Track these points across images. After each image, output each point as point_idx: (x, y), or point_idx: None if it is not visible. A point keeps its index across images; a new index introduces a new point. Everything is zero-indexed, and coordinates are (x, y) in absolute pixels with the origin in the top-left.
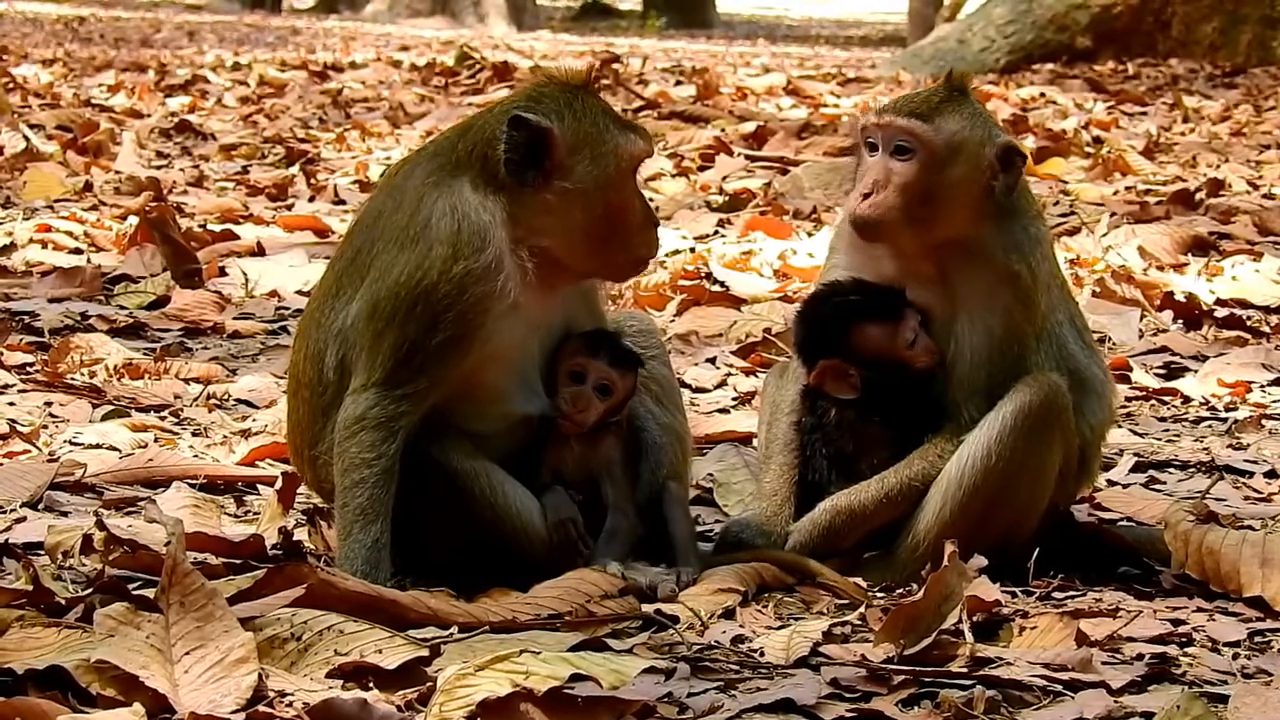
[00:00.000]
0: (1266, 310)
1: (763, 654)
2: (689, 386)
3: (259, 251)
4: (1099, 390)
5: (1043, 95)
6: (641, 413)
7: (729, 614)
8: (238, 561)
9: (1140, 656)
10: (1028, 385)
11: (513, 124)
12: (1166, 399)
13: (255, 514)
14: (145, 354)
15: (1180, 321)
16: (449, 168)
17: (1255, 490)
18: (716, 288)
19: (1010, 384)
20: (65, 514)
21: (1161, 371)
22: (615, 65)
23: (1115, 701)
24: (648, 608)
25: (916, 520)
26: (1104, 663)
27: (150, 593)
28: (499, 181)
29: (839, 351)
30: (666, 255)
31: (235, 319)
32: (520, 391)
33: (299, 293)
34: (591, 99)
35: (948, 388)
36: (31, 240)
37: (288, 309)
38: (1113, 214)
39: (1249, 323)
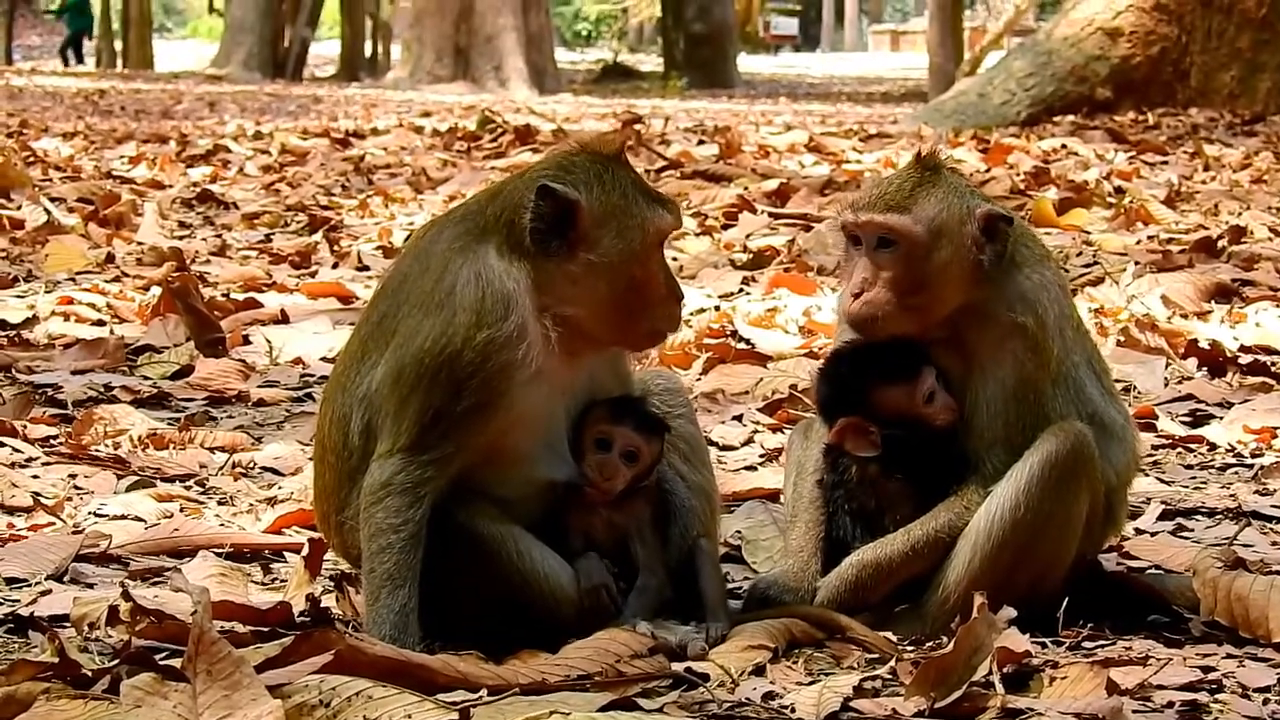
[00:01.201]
0: None
1: (794, 710)
2: (716, 444)
3: (283, 319)
4: (1120, 435)
5: (1064, 147)
6: (669, 473)
7: (759, 671)
8: (265, 629)
9: (1171, 704)
10: (1054, 435)
11: (540, 193)
12: (1193, 446)
13: (282, 581)
14: (170, 424)
15: (1205, 369)
16: (476, 233)
17: None
18: (742, 345)
19: (1030, 432)
20: (91, 586)
21: (1187, 419)
22: (638, 126)
23: None
24: (678, 666)
25: (945, 573)
26: (1135, 711)
27: (177, 662)
28: (524, 249)
29: (859, 409)
30: (692, 314)
31: (260, 387)
32: (546, 457)
33: (324, 359)
34: (622, 170)
35: (967, 441)
36: (54, 313)
37: (313, 376)
38: (1136, 263)
39: (1273, 369)
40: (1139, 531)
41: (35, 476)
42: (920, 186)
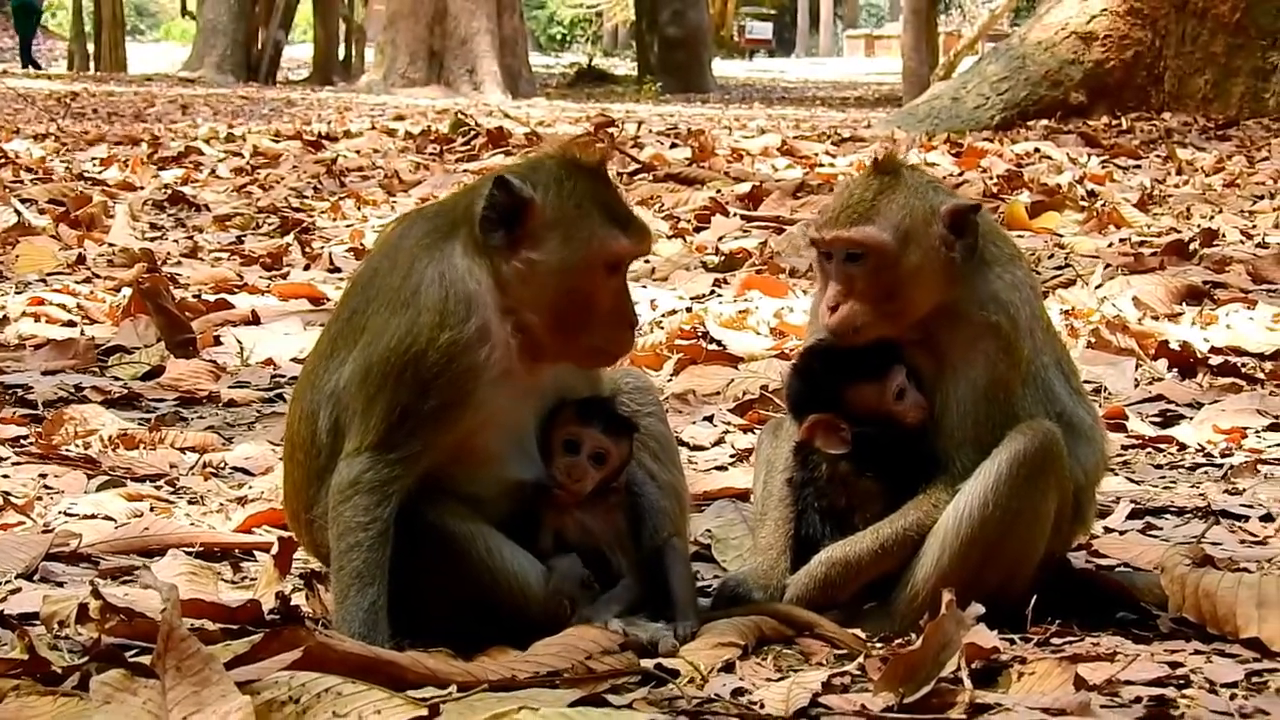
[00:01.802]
0: (1261, 357)
1: (763, 706)
2: (687, 445)
3: (254, 320)
4: (1088, 434)
5: (1037, 150)
6: (639, 473)
7: (729, 667)
8: (234, 627)
9: (1139, 699)
10: (1022, 433)
11: (497, 184)
12: (1162, 446)
13: (252, 580)
14: (140, 424)
15: (1175, 370)
16: (444, 229)
17: (1251, 534)
18: (713, 347)
19: (999, 432)
20: (61, 584)
21: (1157, 420)
22: (611, 129)
23: None
24: (647, 663)
25: (914, 570)
26: (1103, 706)
27: (147, 660)
28: (488, 246)
29: (830, 407)
30: (663, 316)
31: (230, 388)
32: (515, 457)
33: (294, 360)
34: (590, 183)
35: (937, 439)
36: (24, 314)
37: (283, 377)
38: (1107, 265)
39: (1244, 370)
40: (1108, 530)
41: (5, 476)
42: (881, 194)
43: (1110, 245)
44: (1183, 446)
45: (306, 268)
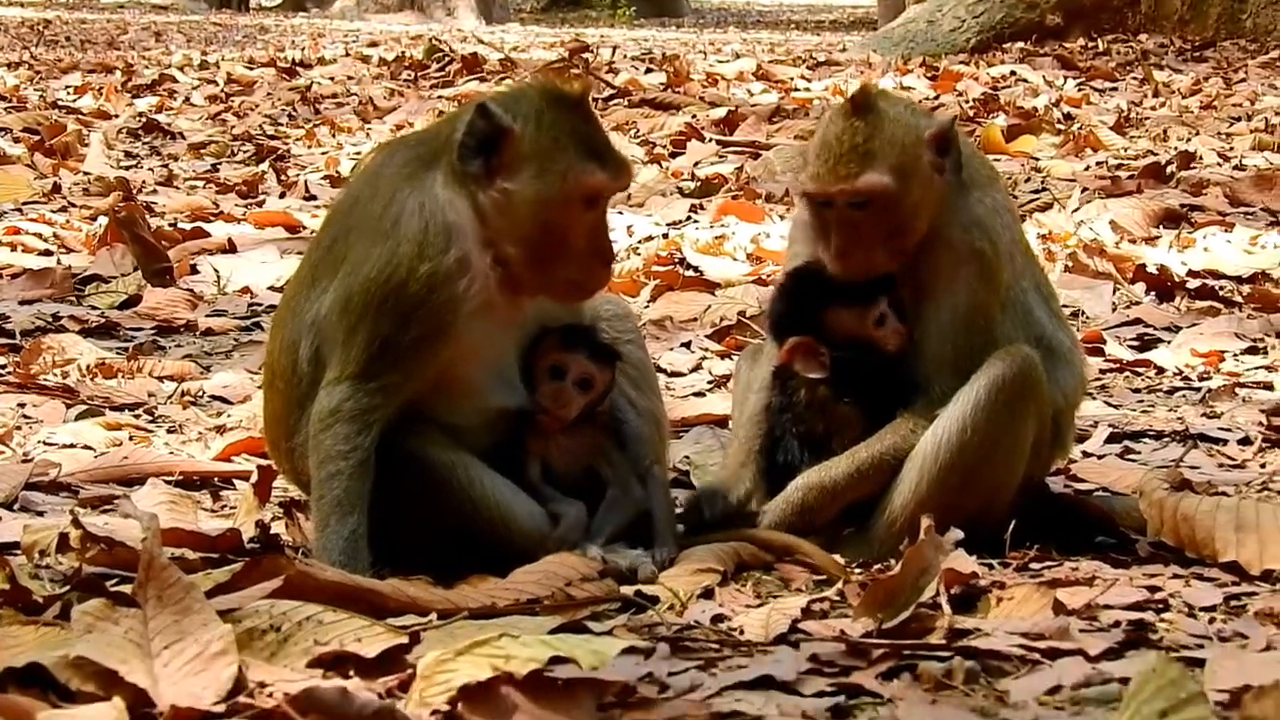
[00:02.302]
0: (1238, 280)
1: (742, 632)
2: (664, 371)
3: (230, 249)
4: (1067, 358)
5: (1013, 74)
6: (620, 400)
7: (708, 594)
8: (215, 555)
9: (1117, 624)
10: (1001, 359)
11: (479, 111)
12: (1140, 370)
13: (232, 509)
14: (118, 353)
15: (1153, 294)
16: (426, 158)
17: (1229, 457)
18: (690, 273)
19: (979, 356)
20: (41, 513)
21: (1135, 343)
22: (585, 54)
23: (1093, 668)
24: (627, 589)
25: (892, 496)
26: (1081, 631)
27: (128, 589)
28: (466, 174)
29: (810, 330)
30: (640, 242)
31: (208, 316)
32: (497, 386)
33: (271, 289)
34: (571, 116)
35: (917, 364)
36: (0, 243)
37: (260, 305)
38: (1084, 189)
39: (1221, 293)
40: (1086, 454)
41: None
42: (870, 137)
43: (1087, 169)
44: (1160, 370)
45: (282, 195)
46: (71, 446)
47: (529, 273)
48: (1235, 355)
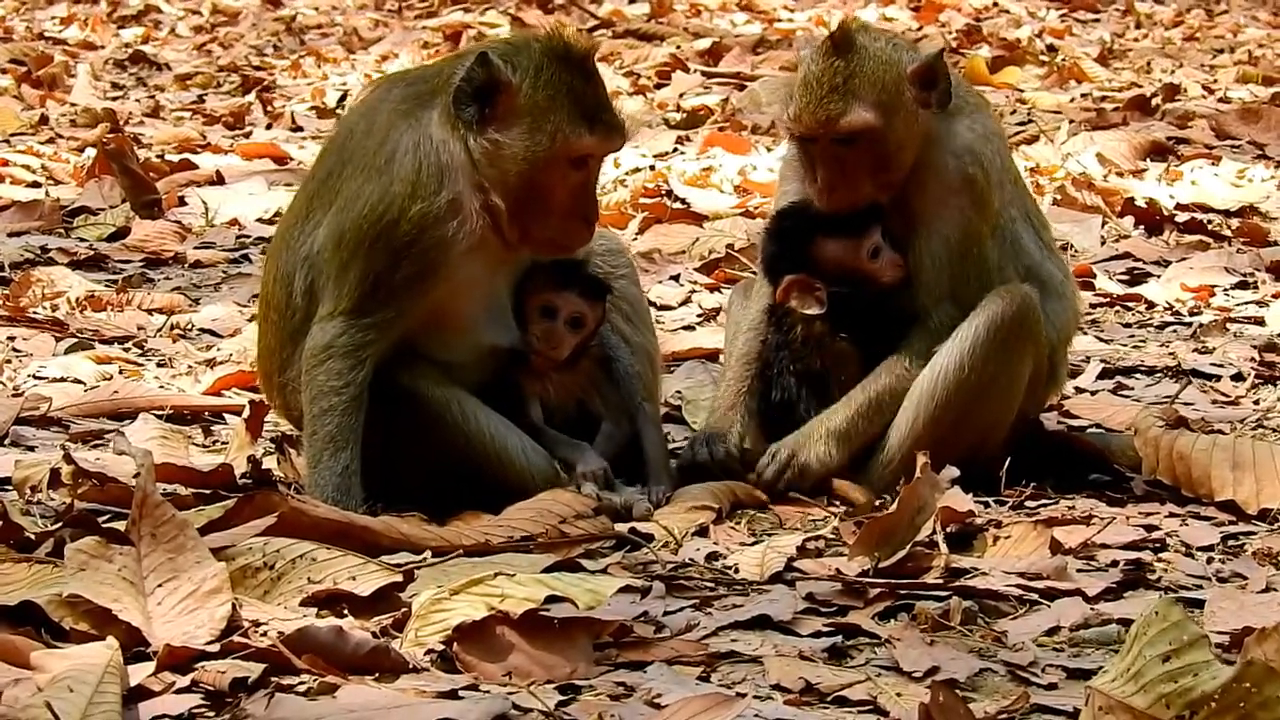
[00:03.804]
0: (1227, 214)
1: (737, 571)
2: (654, 304)
3: (218, 180)
4: (1059, 291)
5: (995, 4)
6: (613, 338)
7: (703, 532)
8: (207, 492)
9: (1115, 563)
10: (999, 296)
11: (479, 59)
12: (1130, 305)
13: (223, 444)
14: (107, 286)
15: (1141, 227)
16: (424, 96)
17: (1223, 394)
18: (677, 205)
19: (973, 285)
20: (32, 448)
21: (1124, 278)
22: None
23: (1092, 609)
24: (621, 527)
25: (889, 434)
26: (1079, 570)
27: (121, 525)
28: (460, 119)
29: (805, 267)
30: (627, 173)
31: (196, 249)
32: (490, 323)
33: (260, 221)
34: (571, 75)
35: (914, 296)
36: None
37: (249, 237)
38: (1070, 121)
39: (1210, 227)
40: (1079, 390)
41: None
42: (852, 75)
43: (1072, 100)
44: (1151, 305)
45: (269, 127)
46: (62, 380)
47: (511, 224)
48: (1225, 290)
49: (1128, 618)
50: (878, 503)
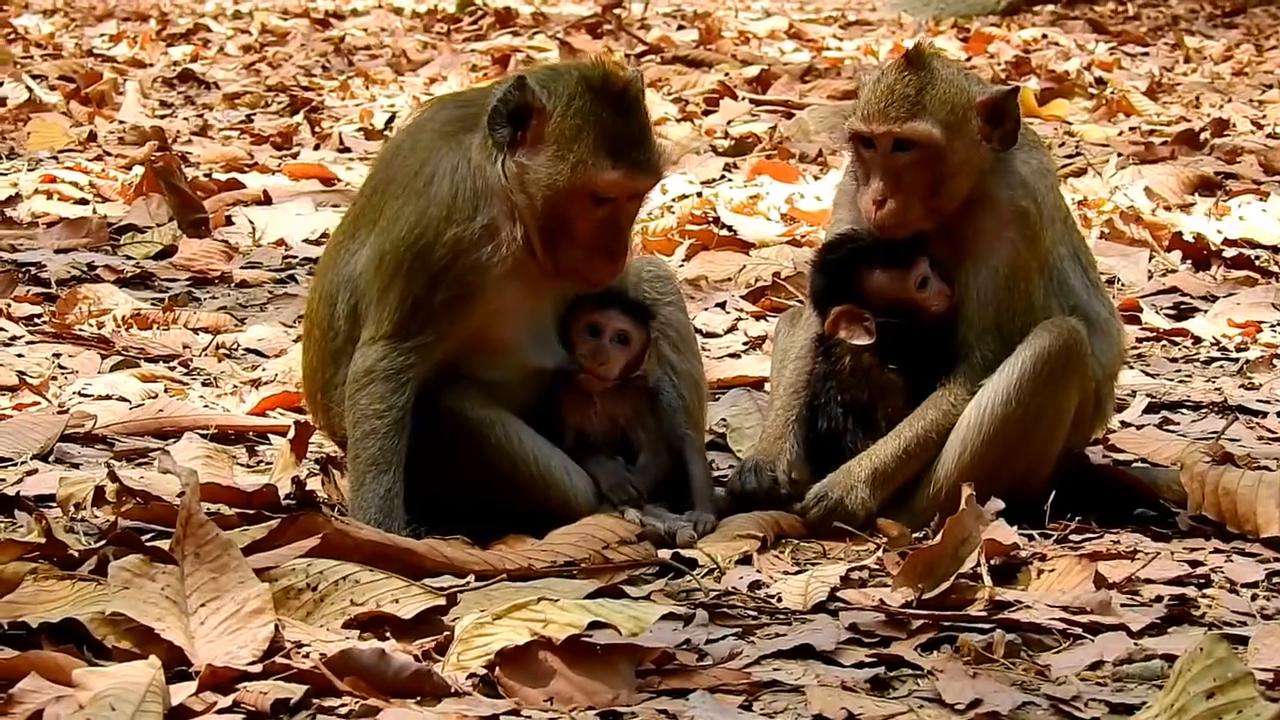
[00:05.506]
0: (1275, 250)
1: (781, 600)
2: (700, 331)
3: (265, 200)
4: (1104, 328)
5: (1044, 37)
6: (659, 369)
7: (747, 560)
8: (251, 512)
9: (1159, 598)
10: (1047, 330)
11: (516, 82)
12: (1177, 340)
13: (268, 464)
14: (153, 304)
15: (1189, 262)
16: (468, 120)
17: (1269, 430)
18: (724, 232)
19: (1020, 320)
20: (76, 466)
21: (1171, 312)
22: (618, 10)
23: (1135, 644)
24: (664, 553)
25: (935, 466)
26: (1123, 605)
27: (164, 544)
28: (495, 140)
29: (852, 298)
30: (674, 200)
31: (243, 268)
32: (533, 345)
33: (306, 241)
34: (601, 106)
35: (958, 329)
36: (36, 191)
37: (295, 257)
38: (1118, 155)
39: (1258, 262)
40: (1125, 424)
41: (20, 355)
42: (923, 89)
43: (1120, 134)
44: (1197, 340)
45: (316, 147)
46: (107, 398)
47: (541, 250)
48: (1272, 326)
49: (1172, 653)
50: (919, 535)
